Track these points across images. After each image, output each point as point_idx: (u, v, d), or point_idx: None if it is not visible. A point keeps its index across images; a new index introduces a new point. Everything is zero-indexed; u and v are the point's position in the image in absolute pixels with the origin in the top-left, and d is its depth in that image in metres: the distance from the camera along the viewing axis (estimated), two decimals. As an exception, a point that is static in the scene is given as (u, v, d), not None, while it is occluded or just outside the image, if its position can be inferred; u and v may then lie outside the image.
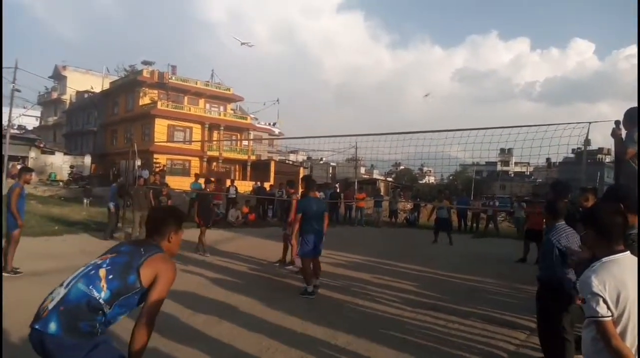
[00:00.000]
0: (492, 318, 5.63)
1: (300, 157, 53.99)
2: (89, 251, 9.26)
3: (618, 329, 1.92)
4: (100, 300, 2.09)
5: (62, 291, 2.13)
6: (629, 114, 4.82)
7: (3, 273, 6.70)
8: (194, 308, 5.43)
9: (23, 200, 7.08)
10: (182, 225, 2.53)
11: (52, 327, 2.02)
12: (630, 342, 1.92)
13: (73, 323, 2.04)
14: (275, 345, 4.37)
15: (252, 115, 43.91)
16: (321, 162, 52.56)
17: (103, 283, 2.13)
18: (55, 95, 53.26)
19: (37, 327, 2.05)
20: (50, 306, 2.08)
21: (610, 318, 1.91)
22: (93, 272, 2.18)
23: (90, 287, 2.11)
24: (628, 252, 2.05)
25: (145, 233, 2.50)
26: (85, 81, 47.83)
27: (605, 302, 1.91)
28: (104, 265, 2.20)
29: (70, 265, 7.29)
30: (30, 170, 7.69)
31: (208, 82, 39.31)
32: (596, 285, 1.94)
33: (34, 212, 13.47)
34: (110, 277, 2.15)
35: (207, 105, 38.04)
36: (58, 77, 51.84)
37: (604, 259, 2.03)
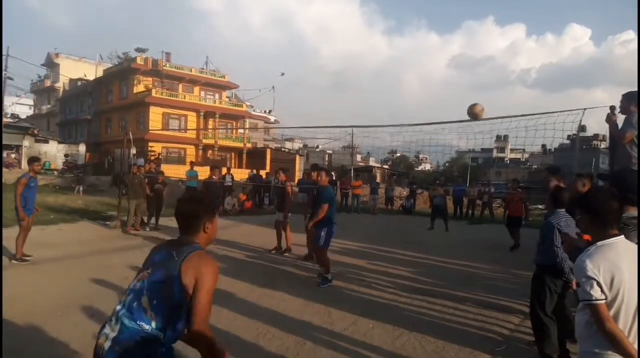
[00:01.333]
0: (488, 303, 5.69)
1: (297, 145, 53.85)
2: (86, 240, 9.25)
3: (611, 312, 1.93)
4: (152, 331, 1.97)
5: (113, 329, 2.00)
6: (627, 97, 4.81)
7: (12, 260, 6.78)
8: (191, 295, 5.44)
9: (32, 191, 7.07)
10: (215, 212, 2.35)
11: None
12: (623, 325, 1.93)
13: None
14: (272, 331, 4.40)
15: (247, 103, 43.64)
16: (317, 149, 52.48)
17: (150, 313, 1.98)
18: (48, 83, 52.72)
19: None
20: (107, 347, 1.97)
21: (603, 301, 1.92)
22: (135, 303, 2.01)
23: (139, 322, 1.97)
24: (622, 236, 2.06)
25: (180, 230, 2.28)
26: (79, 69, 47.35)
27: (599, 285, 1.92)
28: (145, 291, 2.02)
29: (67, 254, 7.33)
30: (37, 159, 7.64)
31: (203, 69, 38.96)
32: (590, 268, 1.94)
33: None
34: (155, 302, 1.99)
35: (202, 93, 37.75)
36: (51, 64, 51.23)
37: (599, 243, 2.04)
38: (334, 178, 22.27)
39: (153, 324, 1.97)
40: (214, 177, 10.12)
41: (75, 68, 47.56)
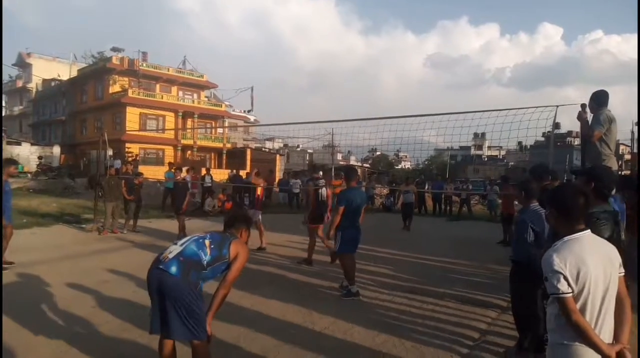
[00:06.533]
0: (466, 298, 5.79)
1: (277, 145, 53.60)
2: (61, 244, 9.03)
3: (578, 305, 1.99)
4: (204, 262, 2.96)
5: (177, 248, 2.99)
6: (595, 96, 4.97)
7: None
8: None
9: (8, 196, 6.62)
10: (250, 228, 3.49)
11: (173, 269, 2.86)
12: (589, 317, 2.00)
13: (187, 270, 2.89)
14: (252, 333, 4.39)
15: (226, 103, 43.25)
16: (298, 149, 52.35)
17: (208, 250, 3.00)
18: (20, 83, 51.22)
19: (161, 267, 2.89)
20: (171, 256, 2.93)
21: (570, 294, 1.98)
22: (201, 240, 3.05)
23: (199, 251, 2.98)
24: (589, 230, 2.12)
25: (224, 226, 3.37)
26: (52, 69, 46.11)
27: (565, 279, 1.98)
28: (207, 238, 3.08)
29: (41, 258, 7.16)
30: (14, 162, 7.32)
31: (180, 69, 38.44)
32: (557, 263, 2.00)
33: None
34: (212, 246, 3.04)
35: (180, 93, 37.25)
36: (22, 64, 49.78)
37: (566, 238, 2.10)
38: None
39: (207, 257, 2.98)
40: (178, 176, 10.40)
41: (48, 68, 46.30)
